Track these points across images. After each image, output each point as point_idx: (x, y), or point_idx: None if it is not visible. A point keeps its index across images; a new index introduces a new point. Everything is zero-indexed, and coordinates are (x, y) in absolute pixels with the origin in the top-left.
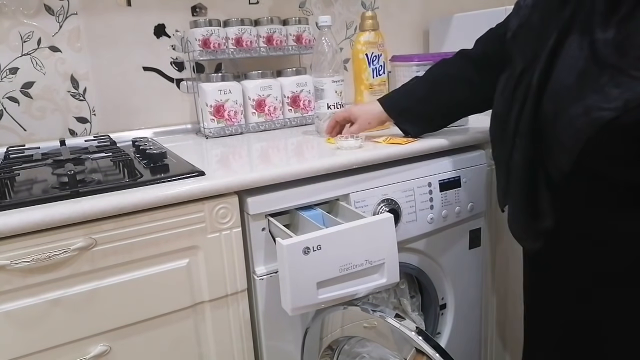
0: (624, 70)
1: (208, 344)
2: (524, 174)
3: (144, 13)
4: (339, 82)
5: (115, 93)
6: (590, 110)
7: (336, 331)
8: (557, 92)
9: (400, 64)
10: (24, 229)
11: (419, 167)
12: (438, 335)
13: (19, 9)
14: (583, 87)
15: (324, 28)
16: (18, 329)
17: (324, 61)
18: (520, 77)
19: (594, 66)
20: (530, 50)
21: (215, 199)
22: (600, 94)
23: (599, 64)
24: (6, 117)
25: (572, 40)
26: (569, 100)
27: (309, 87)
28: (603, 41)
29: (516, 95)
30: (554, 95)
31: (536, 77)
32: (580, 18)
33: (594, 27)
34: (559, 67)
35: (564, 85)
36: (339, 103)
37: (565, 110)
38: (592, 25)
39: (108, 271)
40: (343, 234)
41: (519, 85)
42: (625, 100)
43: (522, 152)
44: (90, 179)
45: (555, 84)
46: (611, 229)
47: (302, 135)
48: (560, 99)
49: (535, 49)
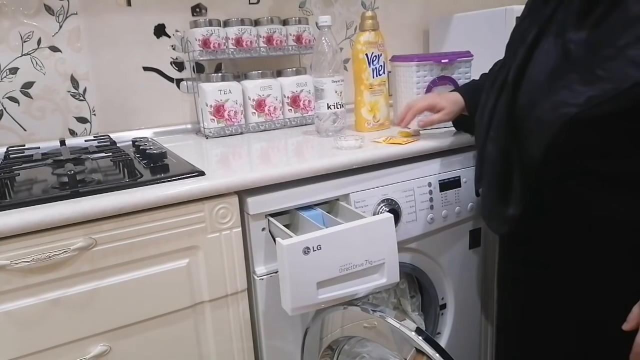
0: (591, 69)
1: (208, 344)
2: (496, 164)
3: (144, 13)
4: (339, 82)
5: (115, 93)
6: (558, 105)
7: (336, 331)
8: (530, 88)
9: (400, 64)
10: (24, 229)
11: (419, 167)
12: (438, 335)
13: (19, 9)
14: (553, 83)
15: (324, 28)
16: (18, 329)
17: (324, 61)
18: (498, 72)
19: (565, 64)
20: (514, 47)
21: (215, 199)
22: (568, 90)
23: (570, 62)
24: (6, 117)
25: (548, 38)
26: (541, 96)
27: (309, 87)
28: (576, 41)
29: (492, 88)
30: (527, 90)
31: (512, 73)
32: (558, 17)
33: (568, 27)
34: (533, 64)
35: (536, 81)
36: (339, 103)
37: (537, 105)
38: (567, 25)
39: (108, 271)
40: (343, 234)
41: (496, 80)
42: (589, 97)
43: (495, 144)
44: (90, 179)
45: (529, 80)
46: (583, 213)
47: (302, 135)
48: (532, 94)
49: (516, 46)
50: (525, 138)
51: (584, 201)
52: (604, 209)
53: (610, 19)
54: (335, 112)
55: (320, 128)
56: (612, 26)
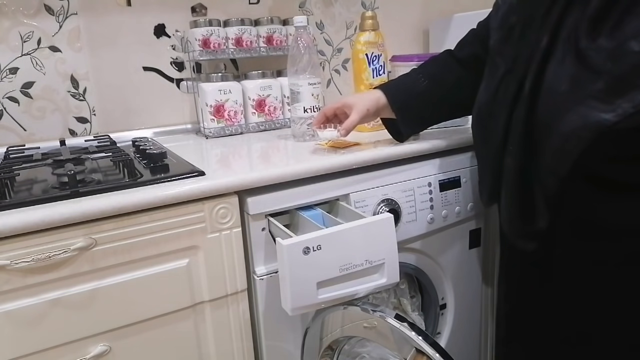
0: (623, 78)
1: (208, 344)
2: (517, 178)
3: (144, 13)
4: (316, 84)
5: (115, 93)
6: (588, 117)
7: (336, 331)
8: (550, 100)
9: (400, 64)
10: (24, 229)
11: (419, 167)
12: (438, 335)
13: (19, 9)
14: (577, 94)
15: (300, 29)
16: (18, 329)
17: (300, 63)
18: (504, 78)
19: (586, 73)
20: (512, 51)
21: (215, 199)
22: (597, 100)
23: (593, 71)
24: (6, 117)
25: (560, 45)
26: (565, 107)
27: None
28: (596, 48)
29: (501, 97)
30: (546, 102)
31: (528, 83)
32: (568, 22)
33: (584, 33)
34: (549, 74)
35: (556, 92)
36: (316, 106)
37: (560, 117)
38: (582, 30)
39: (108, 271)
40: (343, 234)
41: (503, 87)
42: (626, 107)
43: (515, 158)
44: (90, 179)
45: (548, 91)
46: (604, 224)
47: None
48: (553, 106)
49: (518, 51)
50: (548, 152)
51: (589, 206)
52: (609, 214)
53: (628, 23)
54: (312, 115)
55: (297, 132)
56: (634, 32)
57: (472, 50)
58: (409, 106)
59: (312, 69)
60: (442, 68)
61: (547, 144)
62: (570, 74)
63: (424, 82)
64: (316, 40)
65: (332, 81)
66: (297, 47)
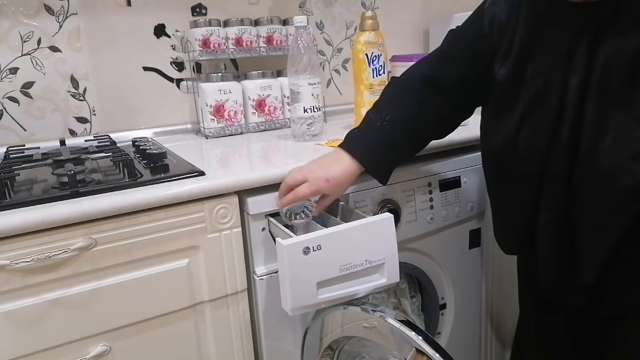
0: None
1: (208, 344)
2: (555, 233)
3: (144, 13)
4: (316, 84)
5: (115, 93)
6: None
7: (336, 331)
8: (598, 154)
9: (400, 64)
10: (24, 229)
11: (419, 167)
12: (438, 335)
13: (19, 9)
14: (628, 149)
15: (300, 29)
16: (18, 329)
17: (300, 63)
18: (524, 121)
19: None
20: (530, 89)
21: (215, 199)
22: None
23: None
24: (6, 117)
25: (595, 91)
26: (616, 165)
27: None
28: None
29: (527, 145)
30: (593, 156)
31: (566, 134)
32: (597, 63)
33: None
34: (588, 123)
35: (604, 145)
36: (316, 106)
37: (611, 175)
38: (619, 75)
39: (108, 271)
40: (343, 234)
41: (526, 132)
42: None
43: (553, 213)
44: (90, 179)
45: (594, 144)
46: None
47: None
48: (604, 162)
49: (538, 89)
50: (597, 210)
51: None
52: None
53: None
54: (312, 115)
55: (297, 132)
56: None
57: (460, 73)
58: (383, 160)
59: (312, 69)
60: (419, 106)
61: (594, 202)
62: (615, 126)
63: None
64: (316, 40)
65: (332, 81)
66: (297, 47)
